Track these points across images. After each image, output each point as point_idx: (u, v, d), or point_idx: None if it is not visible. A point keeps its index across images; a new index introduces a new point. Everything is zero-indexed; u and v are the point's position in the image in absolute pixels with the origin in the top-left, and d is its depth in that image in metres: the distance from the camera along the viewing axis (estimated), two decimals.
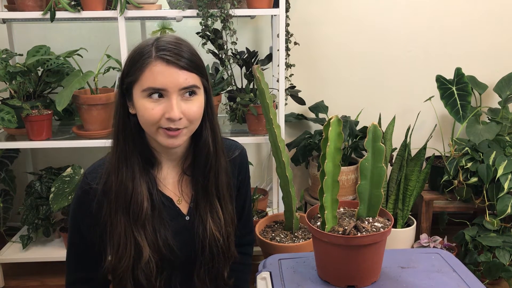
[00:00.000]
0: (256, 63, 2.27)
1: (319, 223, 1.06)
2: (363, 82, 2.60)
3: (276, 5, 2.04)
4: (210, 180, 1.16)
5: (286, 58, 2.23)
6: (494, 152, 2.14)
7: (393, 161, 2.32)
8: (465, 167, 2.17)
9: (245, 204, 1.35)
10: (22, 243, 2.23)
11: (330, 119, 1.03)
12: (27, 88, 2.13)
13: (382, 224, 1.05)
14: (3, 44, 2.34)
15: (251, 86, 2.23)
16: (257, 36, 2.53)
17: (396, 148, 2.34)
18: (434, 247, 2.15)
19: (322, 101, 2.53)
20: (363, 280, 1.04)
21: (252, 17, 2.45)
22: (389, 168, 2.35)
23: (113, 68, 2.12)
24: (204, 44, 2.06)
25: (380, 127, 1.63)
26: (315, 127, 2.60)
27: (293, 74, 2.35)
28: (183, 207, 1.19)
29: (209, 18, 1.99)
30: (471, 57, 2.57)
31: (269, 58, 2.34)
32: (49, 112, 2.05)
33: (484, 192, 2.14)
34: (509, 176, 2.05)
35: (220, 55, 2.16)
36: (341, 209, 1.14)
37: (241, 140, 2.17)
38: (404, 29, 2.54)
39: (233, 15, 2.00)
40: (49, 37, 2.43)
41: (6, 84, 2.09)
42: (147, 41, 1.08)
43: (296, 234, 1.93)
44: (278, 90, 2.14)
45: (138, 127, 1.11)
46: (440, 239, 2.21)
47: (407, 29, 2.54)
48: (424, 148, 2.24)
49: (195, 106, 1.07)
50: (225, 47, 2.10)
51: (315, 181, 2.40)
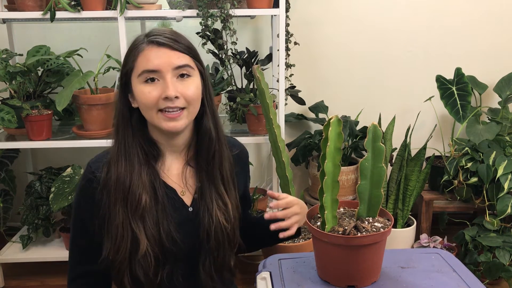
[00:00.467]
0: (256, 63, 2.27)
1: (319, 223, 1.06)
2: (363, 82, 2.60)
3: (276, 5, 2.04)
4: (215, 166, 1.18)
5: (286, 58, 2.23)
6: (494, 152, 2.14)
7: (393, 161, 2.32)
8: (465, 167, 2.17)
9: (246, 194, 1.36)
10: (22, 243, 2.23)
11: (330, 119, 1.03)
12: (27, 88, 2.13)
13: (382, 224, 1.05)
14: (3, 44, 2.34)
15: (251, 86, 2.23)
16: (257, 36, 2.53)
17: (396, 148, 2.34)
18: (434, 247, 2.15)
19: (322, 101, 2.53)
20: (363, 280, 1.04)
21: (252, 17, 2.45)
22: (389, 168, 2.35)
23: (113, 68, 2.12)
24: (204, 44, 2.06)
25: (380, 127, 1.63)
26: (315, 127, 2.60)
27: (293, 74, 2.35)
28: (187, 199, 1.19)
29: (209, 18, 1.99)
30: (471, 57, 2.57)
31: (269, 58, 2.34)
32: (49, 112, 2.05)
33: (484, 192, 2.14)
34: (509, 176, 2.05)
35: (220, 55, 2.16)
36: (341, 209, 1.15)
37: (241, 140, 2.15)
38: (404, 29, 2.54)
39: (233, 15, 2.00)
40: (49, 37, 2.43)
41: (6, 84, 2.09)
42: (140, 34, 1.13)
43: None
44: (278, 90, 2.14)
45: (140, 121, 1.14)
46: (440, 239, 2.21)
47: (407, 29, 2.54)
48: (424, 148, 2.24)
49: (192, 86, 1.10)
50: (225, 47, 2.10)
51: (315, 181, 2.40)
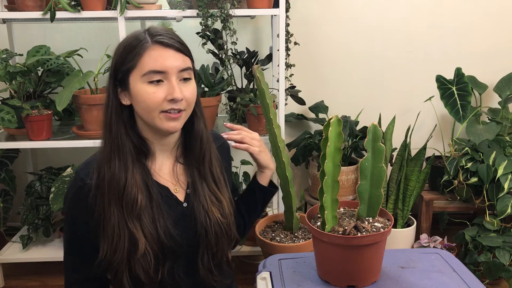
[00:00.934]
0: (256, 63, 2.27)
1: (319, 223, 1.06)
2: (363, 82, 2.60)
3: (276, 5, 2.04)
4: (205, 164, 1.20)
5: (286, 58, 2.23)
6: (494, 152, 2.14)
7: (393, 161, 2.32)
8: (465, 167, 2.17)
9: (232, 182, 1.38)
10: (22, 243, 2.23)
11: (330, 119, 1.03)
12: (27, 88, 2.13)
13: (382, 224, 1.05)
14: (3, 44, 2.35)
15: (251, 86, 2.23)
16: (257, 36, 2.53)
17: (396, 148, 2.34)
18: (434, 247, 2.15)
19: (322, 101, 2.52)
20: (363, 280, 1.04)
21: (252, 17, 2.45)
22: (389, 168, 2.35)
23: None
24: (204, 44, 2.06)
25: (380, 127, 1.63)
26: (315, 127, 2.60)
27: (293, 74, 2.35)
28: (180, 195, 1.20)
29: (209, 18, 1.99)
30: (471, 57, 2.57)
31: (269, 58, 2.34)
32: (49, 112, 2.05)
33: (484, 192, 2.14)
34: (509, 176, 2.05)
35: (220, 55, 2.16)
36: (341, 209, 1.15)
37: None
38: (404, 29, 2.54)
39: (233, 15, 2.00)
40: (49, 37, 2.44)
41: (6, 84, 2.09)
42: (138, 31, 1.11)
43: (296, 234, 1.93)
44: (278, 90, 2.14)
45: (131, 118, 1.13)
46: (440, 239, 2.20)
47: (407, 29, 2.54)
48: (424, 148, 2.24)
49: (192, 89, 1.12)
50: (225, 47, 2.10)
51: (315, 181, 2.40)
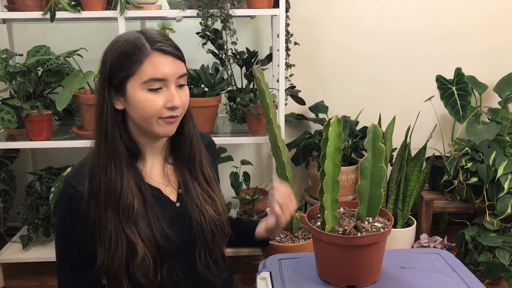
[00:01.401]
0: (256, 63, 2.27)
1: (319, 223, 1.06)
2: (363, 82, 2.60)
3: (276, 5, 2.04)
4: (196, 165, 1.20)
5: (286, 58, 2.23)
6: (494, 152, 2.14)
7: (393, 161, 2.32)
8: (465, 167, 2.17)
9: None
10: (22, 243, 2.23)
11: (330, 119, 1.03)
12: (27, 88, 2.13)
13: (382, 224, 1.05)
14: (3, 44, 2.34)
15: (251, 86, 2.23)
16: (257, 36, 2.53)
17: (396, 148, 2.34)
18: (434, 247, 2.15)
19: (322, 101, 2.52)
20: (363, 280, 1.04)
21: (252, 17, 2.45)
22: (389, 168, 2.35)
23: None
24: (204, 44, 2.06)
25: (380, 127, 1.63)
26: (315, 127, 2.60)
27: (293, 74, 2.35)
28: (172, 195, 1.20)
29: (209, 18, 1.99)
30: (471, 57, 2.57)
31: (269, 58, 2.34)
32: (49, 112, 2.05)
33: (484, 192, 2.14)
34: (509, 176, 2.05)
35: (220, 55, 2.16)
36: (341, 209, 1.15)
37: (241, 140, 2.18)
38: (404, 29, 2.54)
39: (233, 15, 2.00)
40: (49, 37, 2.43)
41: (6, 84, 2.09)
42: (132, 34, 1.08)
43: (296, 234, 1.93)
44: (278, 90, 2.14)
45: (123, 123, 1.12)
46: (440, 239, 2.20)
47: (407, 29, 2.54)
48: (424, 148, 2.24)
49: (187, 94, 1.13)
50: (225, 47, 2.10)
51: (315, 181, 2.40)
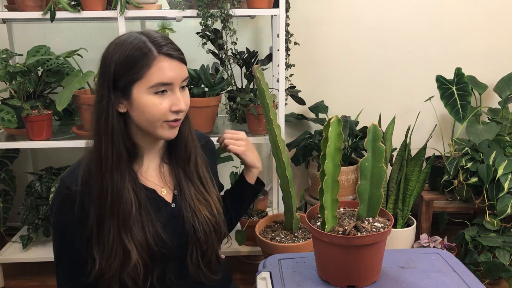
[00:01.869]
0: (256, 63, 2.27)
1: (319, 223, 1.06)
2: (363, 82, 2.60)
3: (276, 5, 2.04)
4: (191, 166, 1.21)
5: (286, 58, 2.23)
6: (494, 152, 2.14)
7: (393, 161, 2.32)
8: (465, 167, 2.17)
9: (217, 181, 1.38)
10: (22, 243, 2.22)
11: (330, 119, 1.03)
12: (27, 88, 2.13)
13: (382, 224, 1.05)
14: (3, 44, 2.34)
15: (251, 86, 2.23)
16: (257, 36, 2.53)
17: (396, 148, 2.34)
18: (434, 247, 2.15)
19: (322, 101, 2.52)
20: (363, 280, 1.04)
21: (252, 17, 2.45)
22: (389, 168, 2.35)
23: None
24: (204, 44, 2.06)
25: (380, 127, 1.63)
26: (315, 127, 2.60)
27: (293, 74, 2.35)
28: (168, 196, 1.20)
29: (209, 18, 1.99)
30: (471, 57, 2.57)
31: (269, 58, 2.34)
32: (49, 112, 2.05)
33: (484, 192, 2.14)
34: (509, 176, 2.05)
35: (220, 55, 2.16)
36: (341, 209, 1.15)
37: None
38: (404, 29, 2.54)
39: (233, 15, 2.00)
40: (49, 37, 2.43)
41: (6, 84, 2.09)
42: (136, 38, 1.07)
43: (296, 234, 1.93)
44: (278, 90, 2.14)
45: (125, 126, 1.12)
46: (440, 239, 2.20)
47: (407, 29, 2.54)
48: (424, 148, 2.24)
49: (188, 97, 1.15)
50: (225, 47, 2.10)
51: (315, 181, 2.40)
